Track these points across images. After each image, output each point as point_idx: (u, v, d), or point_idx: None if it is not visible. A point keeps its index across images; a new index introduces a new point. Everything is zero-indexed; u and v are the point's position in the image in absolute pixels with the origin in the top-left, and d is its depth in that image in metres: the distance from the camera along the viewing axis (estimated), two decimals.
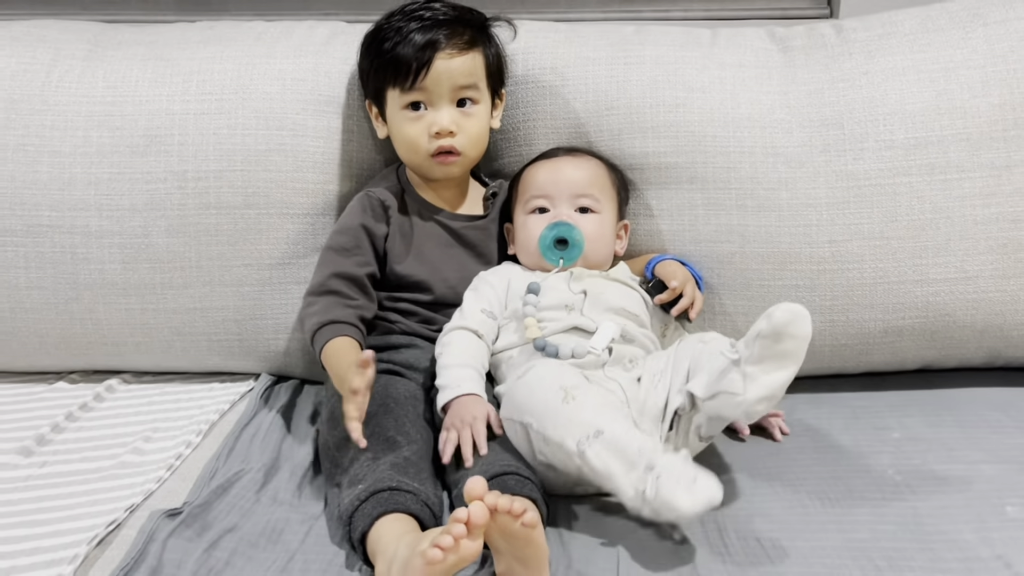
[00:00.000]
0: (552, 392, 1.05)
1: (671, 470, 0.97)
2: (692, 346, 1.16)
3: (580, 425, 1.02)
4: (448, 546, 0.86)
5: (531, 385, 1.08)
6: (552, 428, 1.03)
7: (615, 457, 1.00)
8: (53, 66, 1.41)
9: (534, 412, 1.05)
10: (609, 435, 1.01)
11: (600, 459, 1.00)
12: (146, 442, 1.25)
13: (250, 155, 1.37)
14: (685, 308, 1.26)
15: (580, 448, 1.01)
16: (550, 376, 1.07)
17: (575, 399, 1.04)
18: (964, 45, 1.35)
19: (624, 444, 1.00)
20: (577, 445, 1.01)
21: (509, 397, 1.10)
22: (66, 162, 1.37)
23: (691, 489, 0.96)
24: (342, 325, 1.22)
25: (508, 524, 0.89)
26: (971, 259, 1.32)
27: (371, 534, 0.98)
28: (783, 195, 1.33)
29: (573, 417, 1.03)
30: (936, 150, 1.32)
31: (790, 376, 1.02)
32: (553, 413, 1.03)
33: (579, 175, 1.31)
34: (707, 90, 1.37)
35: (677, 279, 1.26)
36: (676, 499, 0.95)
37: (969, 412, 1.28)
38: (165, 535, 1.01)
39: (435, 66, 1.26)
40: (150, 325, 1.39)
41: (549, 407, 1.04)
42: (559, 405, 1.04)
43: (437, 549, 0.85)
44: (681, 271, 1.30)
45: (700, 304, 1.28)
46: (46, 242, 1.37)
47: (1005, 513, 1.05)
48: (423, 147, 1.29)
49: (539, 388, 1.06)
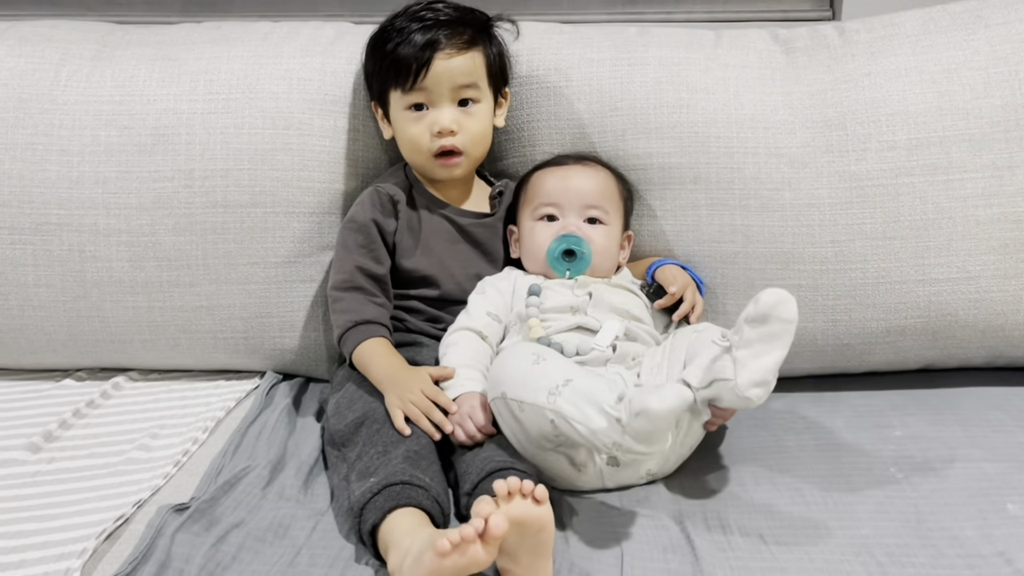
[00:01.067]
0: (523, 358, 1.07)
1: (640, 391, 0.99)
2: (686, 336, 1.17)
3: (549, 378, 1.04)
4: (456, 541, 0.86)
5: (503, 357, 1.10)
6: (523, 388, 1.05)
7: (586, 398, 1.02)
8: (62, 66, 1.42)
9: (506, 380, 1.07)
10: (578, 381, 1.03)
11: (571, 403, 1.02)
12: (153, 439, 1.26)
13: (257, 154, 1.38)
14: (686, 313, 1.26)
15: (551, 400, 1.02)
16: (525, 347, 1.10)
17: (545, 359, 1.06)
18: (966, 46, 1.36)
19: (593, 385, 1.03)
20: (548, 396, 1.03)
21: (488, 379, 1.12)
22: (74, 161, 1.38)
23: (659, 393, 0.97)
24: (375, 326, 1.24)
25: (520, 506, 0.90)
26: (973, 259, 1.32)
27: (383, 527, 0.98)
28: (786, 195, 1.34)
29: (542, 374, 1.05)
30: (938, 151, 1.33)
31: (779, 359, 1.02)
32: (523, 374, 1.05)
33: (589, 185, 1.31)
34: (711, 91, 1.38)
35: (676, 284, 1.27)
36: (647, 403, 0.97)
37: (971, 411, 1.29)
38: (173, 529, 1.02)
39: (434, 66, 1.27)
40: (157, 323, 1.40)
41: (520, 370, 1.06)
42: (529, 367, 1.06)
43: (446, 540, 0.86)
44: (681, 276, 1.30)
45: (700, 308, 1.28)
46: (54, 240, 1.38)
47: (1006, 510, 1.06)
48: (425, 147, 1.30)
49: (510, 357, 1.09)
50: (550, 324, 1.23)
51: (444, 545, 0.86)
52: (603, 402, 1.01)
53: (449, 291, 1.33)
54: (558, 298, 1.25)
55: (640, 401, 0.98)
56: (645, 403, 0.97)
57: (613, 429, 1.00)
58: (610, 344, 1.20)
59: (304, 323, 1.41)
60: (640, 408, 0.97)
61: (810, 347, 1.37)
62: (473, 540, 0.87)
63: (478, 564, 0.88)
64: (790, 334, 1.02)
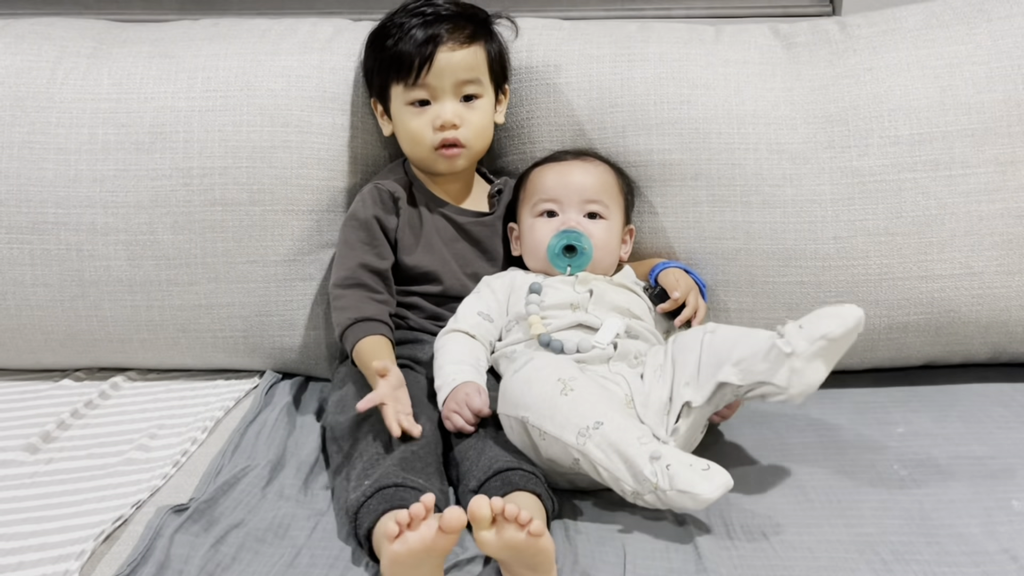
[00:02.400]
0: (549, 385, 1.05)
1: (679, 458, 0.98)
2: (696, 338, 1.14)
3: (580, 417, 1.02)
4: (403, 521, 0.87)
5: (528, 379, 1.07)
6: (550, 422, 1.03)
7: (617, 447, 1.00)
8: (58, 63, 1.41)
9: (531, 406, 1.05)
10: (609, 426, 1.01)
11: (601, 450, 1.01)
12: (152, 439, 1.25)
13: (255, 152, 1.37)
14: (688, 318, 1.26)
15: (580, 440, 1.01)
16: (547, 368, 1.07)
17: (573, 391, 1.04)
18: (968, 41, 1.36)
19: (625, 433, 1.01)
20: (577, 437, 1.01)
21: (505, 392, 1.10)
22: (71, 159, 1.37)
23: (707, 476, 0.96)
24: (374, 323, 1.23)
25: (514, 536, 0.89)
26: (976, 255, 1.32)
27: (376, 530, 0.98)
28: (788, 191, 1.33)
29: (572, 409, 1.03)
30: (941, 146, 1.32)
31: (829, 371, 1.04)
32: (551, 406, 1.03)
33: (589, 180, 1.31)
34: (711, 87, 1.37)
35: (680, 289, 1.26)
36: (695, 486, 0.96)
37: (974, 407, 1.29)
38: (172, 530, 1.01)
39: (437, 60, 1.27)
40: (155, 322, 1.40)
41: (546, 400, 1.04)
42: (557, 397, 1.03)
43: (393, 523, 0.87)
44: (684, 280, 1.30)
45: (703, 314, 1.28)
46: (52, 239, 1.37)
47: (1011, 507, 1.06)
48: (427, 140, 1.29)
49: (536, 381, 1.06)
50: (551, 321, 1.22)
51: (391, 528, 0.87)
52: (636, 459, 0.99)
53: (451, 287, 1.32)
54: (559, 295, 1.25)
55: (686, 482, 0.96)
56: (692, 487, 0.96)
57: (642, 488, 0.99)
58: (611, 342, 1.19)
59: (304, 322, 1.41)
60: (685, 489, 0.96)
61: None
62: (421, 516, 0.88)
63: (437, 547, 0.89)
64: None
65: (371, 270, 1.28)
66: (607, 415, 1.02)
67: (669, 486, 0.97)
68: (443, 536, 0.89)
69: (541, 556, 0.91)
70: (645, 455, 0.99)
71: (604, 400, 1.05)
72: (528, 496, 1.02)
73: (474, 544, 1.01)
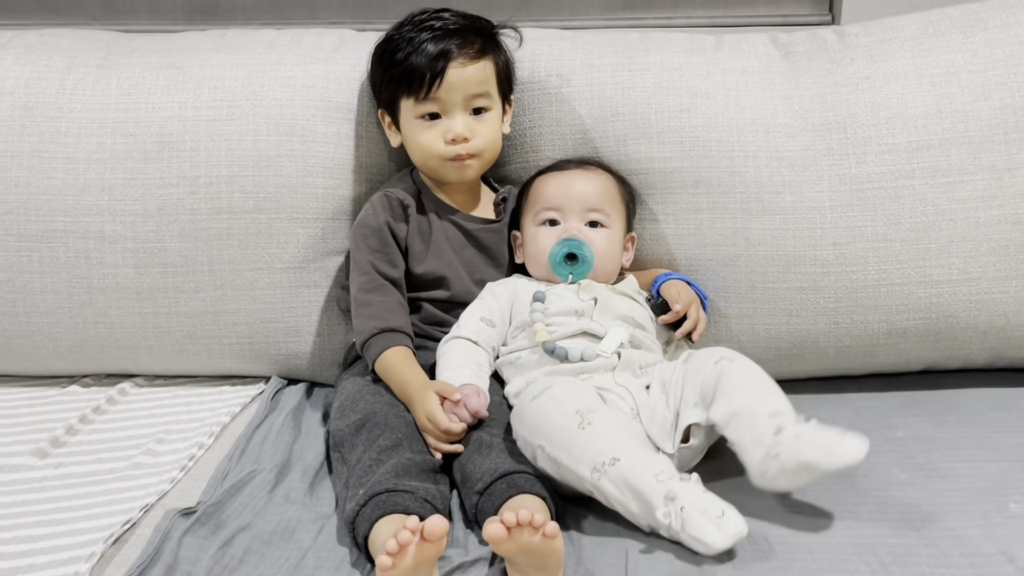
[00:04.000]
0: (568, 417, 1.04)
1: (695, 502, 0.98)
2: (712, 362, 1.13)
3: (595, 452, 1.02)
4: (393, 550, 0.88)
5: (546, 409, 1.06)
6: (567, 454, 1.03)
7: (631, 485, 1.00)
8: (67, 74, 1.43)
9: (548, 436, 1.05)
10: (625, 463, 1.01)
11: (616, 487, 1.01)
12: (159, 444, 1.27)
13: (261, 160, 1.39)
14: (689, 331, 1.27)
15: (595, 476, 1.02)
16: (565, 400, 1.06)
17: (591, 424, 1.03)
18: (965, 49, 1.37)
19: (642, 470, 1.00)
20: (592, 472, 1.02)
21: (521, 417, 1.10)
22: (80, 168, 1.39)
23: (719, 524, 0.96)
24: (398, 334, 1.25)
25: (529, 539, 0.90)
26: (973, 261, 1.33)
27: (371, 537, 0.99)
28: (787, 198, 1.35)
29: (588, 444, 1.03)
30: (938, 153, 1.34)
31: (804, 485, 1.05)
32: (567, 439, 1.03)
33: (590, 189, 1.32)
34: (711, 95, 1.39)
35: (681, 302, 1.27)
36: (705, 535, 0.96)
37: (973, 412, 1.30)
38: (180, 533, 1.02)
39: (448, 75, 1.28)
40: (162, 329, 1.41)
41: (564, 432, 1.04)
42: (574, 431, 1.03)
43: (387, 557, 0.88)
44: (686, 292, 1.31)
45: (703, 326, 1.29)
46: (60, 247, 1.39)
47: (1008, 510, 1.07)
48: (438, 152, 1.31)
49: (554, 412, 1.05)
50: (555, 329, 1.24)
51: (384, 562, 0.88)
52: (650, 498, 0.99)
53: (458, 293, 1.34)
54: (563, 302, 1.26)
55: (698, 529, 0.96)
56: (703, 535, 0.96)
57: (656, 525, 1.00)
58: (615, 351, 1.21)
59: (309, 328, 1.42)
60: (696, 536, 0.96)
61: (812, 349, 1.38)
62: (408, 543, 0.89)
63: (424, 557, 0.90)
64: None
65: (387, 277, 1.29)
66: (624, 451, 1.02)
67: (681, 528, 0.97)
68: (428, 545, 0.90)
69: (553, 557, 0.93)
70: (660, 494, 0.99)
71: (624, 434, 1.05)
72: (533, 499, 1.03)
73: (476, 545, 1.03)
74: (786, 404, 1.08)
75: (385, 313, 1.26)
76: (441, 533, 0.90)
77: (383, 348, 1.24)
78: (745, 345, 1.37)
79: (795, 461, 1.00)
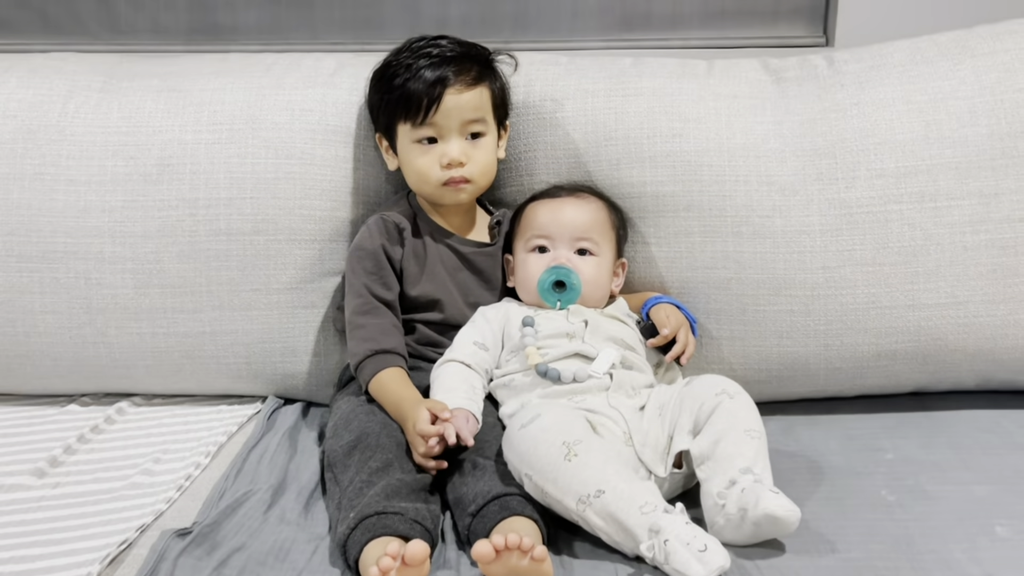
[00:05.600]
0: (555, 448, 1.05)
1: (679, 535, 0.98)
2: (709, 395, 1.14)
3: (581, 484, 1.03)
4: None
5: (534, 438, 1.07)
6: (553, 485, 1.05)
7: (616, 518, 1.02)
8: (70, 97, 1.45)
9: (535, 466, 1.06)
10: (611, 495, 1.02)
11: (601, 519, 1.02)
12: (156, 463, 1.28)
13: (260, 183, 1.41)
14: (678, 355, 1.29)
15: (580, 507, 1.03)
16: (552, 430, 1.07)
17: (577, 456, 1.04)
18: (953, 76, 1.39)
19: (627, 503, 1.01)
20: (577, 504, 1.03)
21: (510, 444, 1.11)
22: (81, 190, 1.41)
23: (702, 559, 0.97)
24: (392, 355, 1.27)
25: (518, 562, 0.91)
26: (961, 284, 1.35)
27: (361, 560, 1.00)
28: (777, 222, 1.37)
29: (574, 476, 1.04)
30: (926, 178, 1.35)
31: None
32: (554, 470, 1.04)
33: (580, 218, 1.34)
34: (703, 120, 1.41)
35: (669, 326, 1.29)
36: (689, 569, 0.97)
37: (961, 434, 1.31)
38: (176, 554, 1.04)
39: (445, 101, 1.31)
40: (161, 349, 1.43)
41: (550, 463, 1.05)
42: (560, 462, 1.04)
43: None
44: (675, 316, 1.32)
45: (692, 350, 1.31)
46: (61, 267, 1.41)
47: (995, 533, 1.08)
48: (434, 177, 1.33)
49: (541, 443, 1.06)
50: (547, 351, 1.25)
51: None
52: (634, 530, 1.00)
53: (452, 315, 1.35)
54: (553, 325, 1.28)
55: (681, 562, 0.97)
56: (686, 569, 0.97)
57: (640, 555, 1.01)
58: (607, 372, 1.22)
59: (306, 348, 1.44)
60: (679, 569, 0.97)
61: (803, 371, 1.39)
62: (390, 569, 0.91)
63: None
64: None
65: (382, 300, 1.31)
66: (610, 482, 1.03)
67: (664, 561, 0.99)
68: (410, 569, 0.91)
69: None
70: (645, 527, 1.00)
71: (611, 465, 1.05)
72: (525, 521, 1.04)
73: (468, 567, 1.04)
74: (763, 460, 1.10)
75: (379, 335, 1.28)
76: (422, 558, 0.91)
77: (377, 369, 1.25)
78: (736, 368, 1.39)
79: (737, 512, 1.03)
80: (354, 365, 1.28)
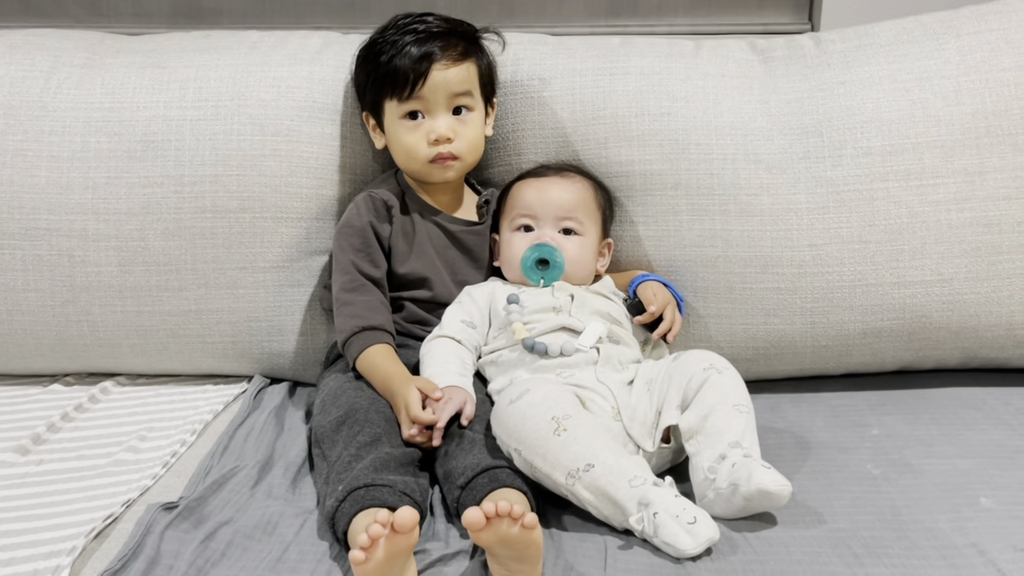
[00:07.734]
0: (543, 423, 1.05)
1: (668, 508, 0.99)
2: (697, 369, 1.15)
3: (570, 458, 1.04)
4: (365, 544, 0.89)
5: (523, 414, 1.07)
6: (542, 459, 1.05)
7: (605, 492, 1.02)
8: (52, 73, 1.44)
9: (524, 441, 1.06)
10: (600, 469, 1.02)
11: (591, 492, 1.03)
12: (141, 441, 1.27)
13: (245, 160, 1.40)
14: (665, 332, 1.29)
15: (569, 482, 1.04)
16: (542, 405, 1.07)
17: (566, 431, 1.05)
18: (938, 56, 1.40)
19: (616, 477, 1.02)
20: (566, 479, 1.04)
21: (499, 420, 1.11)
22: (64, 167, 1.40)
23: (691, 531, 0.98)
24: (379, 332, 1.26)
25: (508, 530, 0.91)
26: (946, 262, 1.36)
27: (350, 531, 1.00)
28: (765, 200, 1.37)
29: (563, 450, 1.04)
30: (912, 157, 1.36)
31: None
32: (543, 445, 1.05)
33: (565, 197, 1.34)
34: (690, 99, 1.41)
35: (656, 303, 1.29)
36: (678, 540, 0.98)
37: (946, 410, 1.32)
38: (162, 527, 1.03)
39: (432, 76, 1.30)
40: (145, 327, 1.42)
41: (539, 438, 1.05)
42: (549, 437, 1.05)
43: (359, 551, 0.89)
44: (662, 294, 1.33)
45: (678, 328, 1.31)
46: (43, 245, 1.39)
47: (979, 504, 1.09)
48: (422, 154, 1.32)
49: (530, 418, 1.06)
50: (534, 326, 1.25)
51: (358, 555, 0.89)
52: (623, 504, 1.01)
53: (440, 293, 1.35)
54: (539, 300, 1.28)
55: (670, 534, 0.98)
56: (676, 540, 0.97)
57: (630, 528, 1.02)
58: (594, 345, 1.22)
59: (292, 327, 1.43)
60: (668, 541, 0.98)
61: (789, 349, 1.40)
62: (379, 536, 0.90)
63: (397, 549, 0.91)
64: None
65: (369, 277, 1.30)
66: (599, 456, 1.03)
67: (654, 534, 0.99)
68: (400, 537, 0.91)
69: (532, 548, 0.94)
70: (634, 500, 1.01)
71: (599, 439, 1.05)
72: (514, 492, 1.05)
73: (457, 539, 1.04)
74: (751, 435, 1.10)
75: (366, 312, 1.27)
76: (411, 524, 0.90)
77: (364, 346, 1.25)
78: (723, 345, 1.39)
79: (728, 487, 1.03)
80: (341, 342, 1.28)
